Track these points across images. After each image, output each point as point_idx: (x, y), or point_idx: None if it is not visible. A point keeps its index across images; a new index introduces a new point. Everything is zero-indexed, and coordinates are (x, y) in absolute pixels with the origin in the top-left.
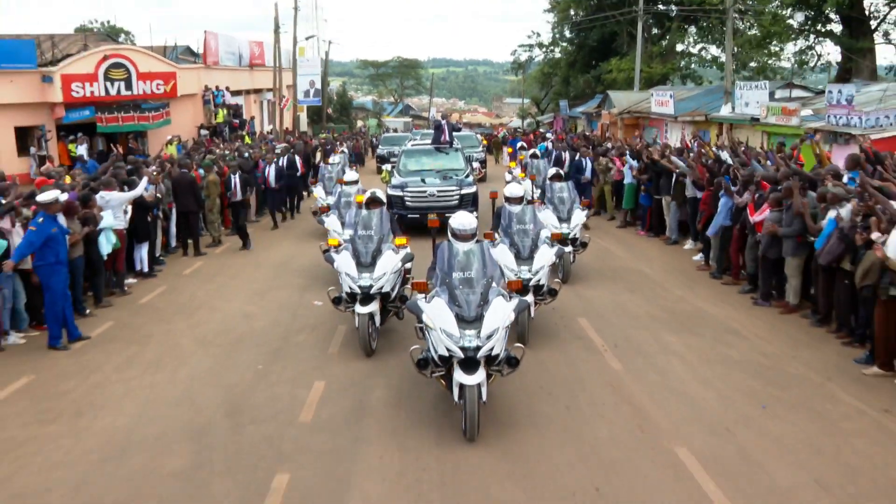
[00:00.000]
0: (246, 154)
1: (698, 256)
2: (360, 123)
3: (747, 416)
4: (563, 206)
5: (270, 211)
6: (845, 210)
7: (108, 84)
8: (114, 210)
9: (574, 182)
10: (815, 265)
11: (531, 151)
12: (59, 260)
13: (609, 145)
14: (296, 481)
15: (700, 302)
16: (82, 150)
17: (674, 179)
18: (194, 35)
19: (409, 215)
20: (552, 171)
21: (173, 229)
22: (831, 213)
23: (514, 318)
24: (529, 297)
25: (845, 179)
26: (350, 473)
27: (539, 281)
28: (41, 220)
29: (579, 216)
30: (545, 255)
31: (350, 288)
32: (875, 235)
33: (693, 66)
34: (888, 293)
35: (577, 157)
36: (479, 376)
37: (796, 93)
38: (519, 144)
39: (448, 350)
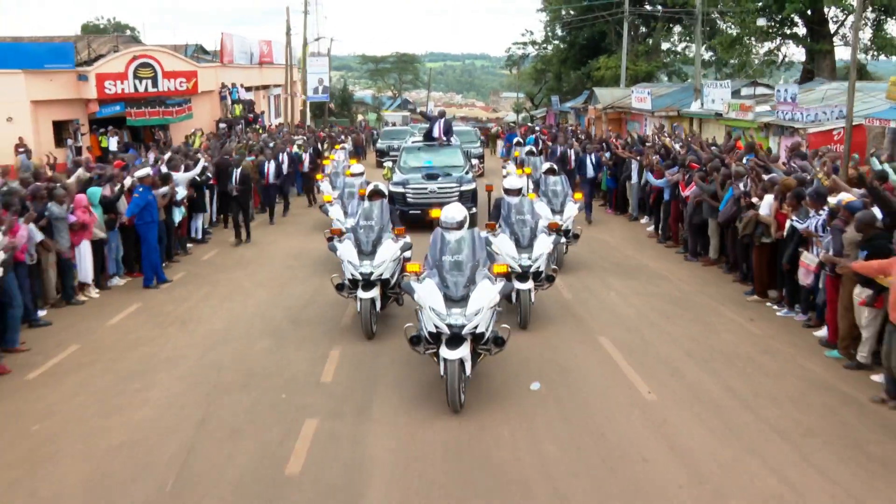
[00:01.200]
0: (271, 144)
1: (650, 228)
2: (360, 117)
3: (653, 323)
4: (557, 199)
5: (269, 207)
6: (741, 183)
7: (137, 82)
8: (180, 186)
9: (582, 178)
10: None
11: (527, 148)
12: (153, 220)
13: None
14: (343, 355)
15: (644, 259)
16: (112, 142)
17: (632, 165)
18: (191, 30)
19: (411, 211)
20: (546, 165)
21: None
22: (734, 186)
23: (500, 301)
24: (530, 283)
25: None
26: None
27: (539, 267)
28: (141, 189)
29: (572, 208)
30: (543, 243)
31: (352, 274)
32: (754, 199)
33: (677, 63)
34: (761, 240)
35: (581, 155)
36: (461, 352)
37: (761, 90)
38: (515, 140)
39: (436, 327)
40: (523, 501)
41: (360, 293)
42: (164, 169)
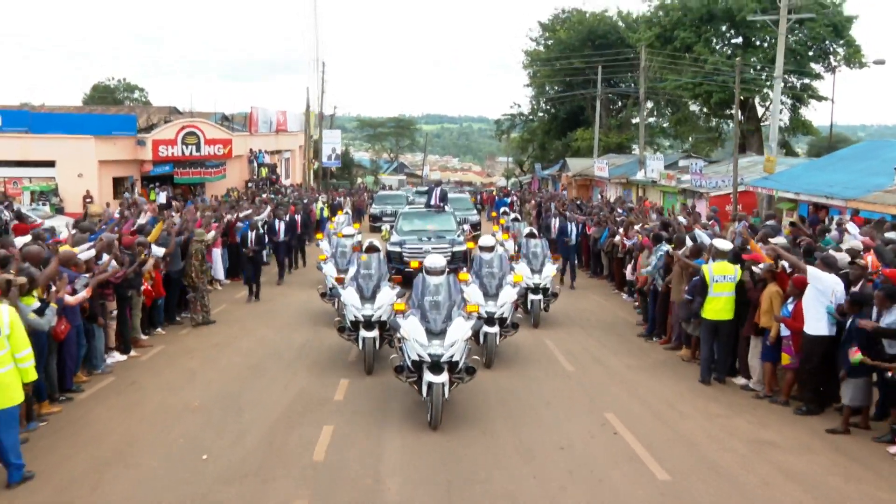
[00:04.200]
0: (304, 200)
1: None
2: (359, 180)
3: (588, 349)
4: (537, 260)
5: (279, 264)
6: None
7: (184, 147)
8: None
9: (561, 244)
10: None
11: (512, 216)
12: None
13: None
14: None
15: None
16: (161, 196)
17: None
18: (189, 83)
19: (407, 269)
20: (527, 229)
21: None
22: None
23: (474, 337)
24: (495, 328)
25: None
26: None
27: (503, 314)
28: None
29: (550, 268)
30: (508, 294)
31: (355, 316)
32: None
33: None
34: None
35: (563, 223)
36: (444, 377)
37: (701, 162)
38: (502, 210)
39: (419, 356)
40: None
41: (364, 332)
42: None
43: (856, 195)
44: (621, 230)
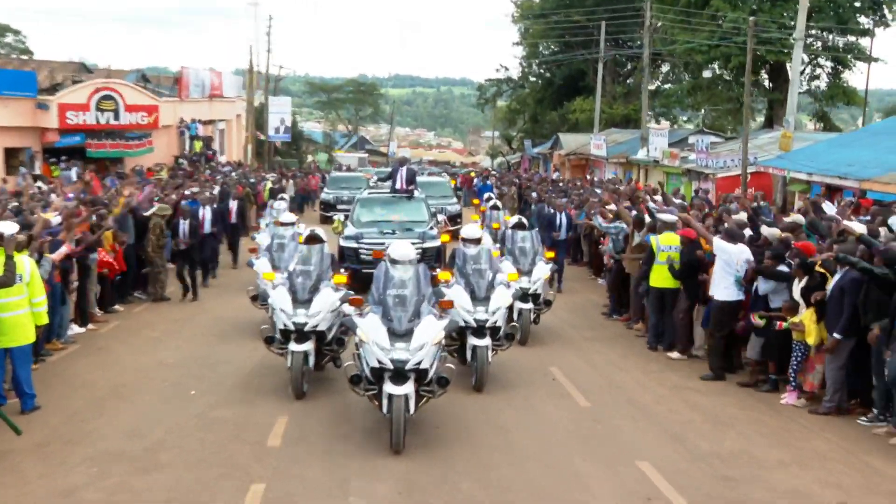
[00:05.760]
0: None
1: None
2: (309, 158)
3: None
4: (525, 259)
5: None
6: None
7: (99, 114)
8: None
9: (548, 239)
10: None
11: (491, 203)
12: None
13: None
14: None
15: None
16: (71, 173)
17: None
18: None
19: (364, 270)
20: (514, 219)
21: None
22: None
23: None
24: (486, 340)
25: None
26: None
27: (496, 322)
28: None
29: (542, 269)
30: (502, 296)
31: (284, 324)
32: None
33: (657, 104)
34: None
35: (548, 212)
36: (407, 388)
37: (713, 138)
38: (486, 195)
39: (379, 361)
40: None
41: (293, 345)
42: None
43: (873, 175)
44: (595, 212)
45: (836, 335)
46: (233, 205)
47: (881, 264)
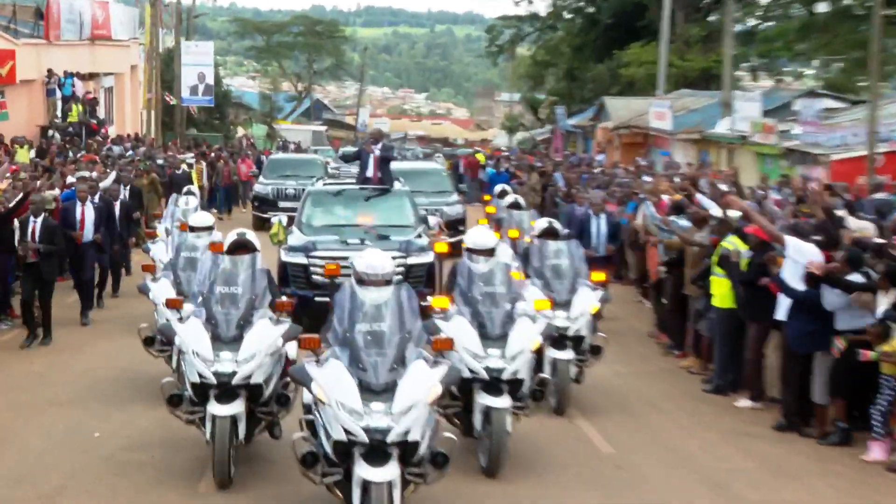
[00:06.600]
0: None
1: None
2: (240, 132)
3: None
4: (561, 283)
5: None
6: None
7: None
8: None
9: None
10: None
11: (509, 199)
12: None
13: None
14: None
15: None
16: None
17: None
18: None
19: (318, 297)
20: (541, 222)
21: None
22: None
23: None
24: (506, 400)
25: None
26: None
27: (516, 373)
28: None
29: (586, 298)
30: (525, 333)
31: (200, 376)
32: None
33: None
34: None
35: (581, 210)
36: (389, 471)
37: (829, 103)
38: (500, 188)
39: (347, 432)
40: None
41: (216, 408)
42: None
43: None
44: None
45: None
46: (124, 195)
47: None
